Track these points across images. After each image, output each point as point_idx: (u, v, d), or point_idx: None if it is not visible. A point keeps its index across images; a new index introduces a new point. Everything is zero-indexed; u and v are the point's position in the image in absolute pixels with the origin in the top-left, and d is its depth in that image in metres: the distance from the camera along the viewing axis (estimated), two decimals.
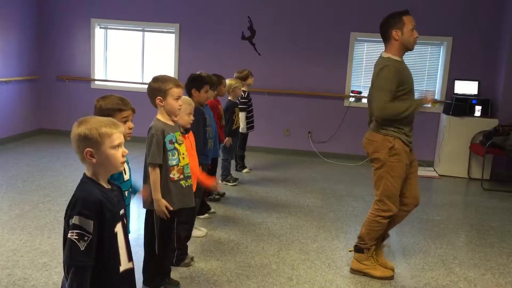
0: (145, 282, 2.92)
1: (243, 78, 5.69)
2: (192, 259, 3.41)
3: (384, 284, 3.25)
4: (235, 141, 5.43)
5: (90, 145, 1.75)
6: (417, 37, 3.17)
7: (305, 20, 7.16)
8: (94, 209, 1.71)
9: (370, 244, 3.32)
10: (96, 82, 7.77)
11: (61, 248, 3.50)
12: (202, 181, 3.34)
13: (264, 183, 5.72)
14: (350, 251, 3.63)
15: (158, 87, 2.77)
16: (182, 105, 2.89)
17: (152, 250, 2.89)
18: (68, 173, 5.57)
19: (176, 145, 2.80)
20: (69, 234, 1.68)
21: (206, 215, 4.31)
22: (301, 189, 5.57)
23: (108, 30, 7.80)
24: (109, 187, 1.84)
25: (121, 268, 1.82)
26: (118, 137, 1.79)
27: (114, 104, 2.38)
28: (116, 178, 2.27)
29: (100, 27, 7.72)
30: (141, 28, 7.63)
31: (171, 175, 2.76)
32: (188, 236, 3.44)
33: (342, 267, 3.48)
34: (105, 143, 1.76)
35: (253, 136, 6.73)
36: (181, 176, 2.82)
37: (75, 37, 7.70)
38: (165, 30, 7.56)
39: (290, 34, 7.22)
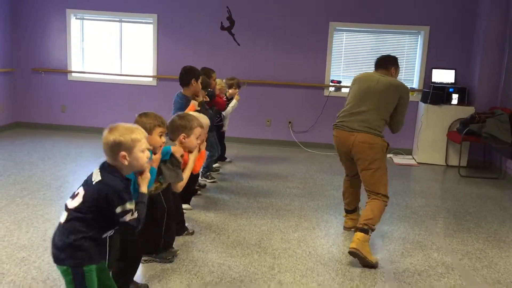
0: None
1: (228, 85, 5.70)
2: (177, 251, 3.41)
3: (364, 271, 3.29)
4: (215, 137, 5.38)
5: (124, 149, 2.06)
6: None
7: (284, 10, 7.15)
8: (128, 191, 2.11)
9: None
10: (73, 74, 7.65)
11: (40, 243, 3.46)
12: None
13: (245, 174, 5.73)
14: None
15: (184, 125, 3.05)
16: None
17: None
18: (45, 167, 5.49)
19: None
20: (127, 218, 2.06)
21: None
22: (282, 179, 5.59)
23: (85, 21, 7.66)
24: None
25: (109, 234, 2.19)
26: (144, 142, 2.12)
27: (155, 120, 2.64)
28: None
29: (76, 18, 7.58)
30: (118, 19, 7.52)
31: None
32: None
33: (323, 255, 3.52)
34: (136, 147, 2.08)
35: (234, 127, 6.73)
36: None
37: (51, 28, 7.55)
38: (142, 20, 7.47)
39: (269, 24, 7.20)
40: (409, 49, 7.22)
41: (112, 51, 7.67)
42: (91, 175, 2.12)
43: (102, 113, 7.60)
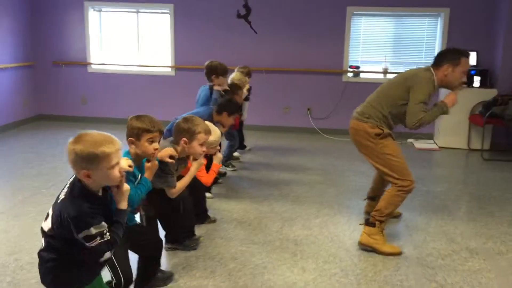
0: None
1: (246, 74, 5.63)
2: (199, 238, 3.44)
3: (387, 256, 3.29)
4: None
5: (87, 165, 1.73)
6: (463, 82, 3.46)
7: None
8: (95, 213, 1.79)
9: (386, 217, 3.36)
10: (93, 66, 7.72)
11: None
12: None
13: (265, 161, 5.74)
14: (360, 224, 3.67)
15: (187, 129, 2.80)
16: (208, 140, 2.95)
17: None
18: None
19: None
20: (94, 244, 1.76)
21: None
22: (302, 165, 5.59)
23: (102, 13, 7.71)
24: (101, 194, 1.87)
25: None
26: (115, 156, 1.77)
27: (143, 124, 2.38)
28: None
29: (94, 10, 7.63)
30: (135, 10, 7.55)
31: None
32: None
33: (345, 241, 3.52)
34: (102, 163, 1.74)
35: (253, 114, 6.73)
36: None
37: (69, 20, 7.61)
38: (159, 11, 7.48)
39: (286, 11, 7.14)
40: (429, 32, 7.09)
41: (130, 42, 7.72)
42: (64, 186, 1.88)
43: (122, 104, 7.67)
